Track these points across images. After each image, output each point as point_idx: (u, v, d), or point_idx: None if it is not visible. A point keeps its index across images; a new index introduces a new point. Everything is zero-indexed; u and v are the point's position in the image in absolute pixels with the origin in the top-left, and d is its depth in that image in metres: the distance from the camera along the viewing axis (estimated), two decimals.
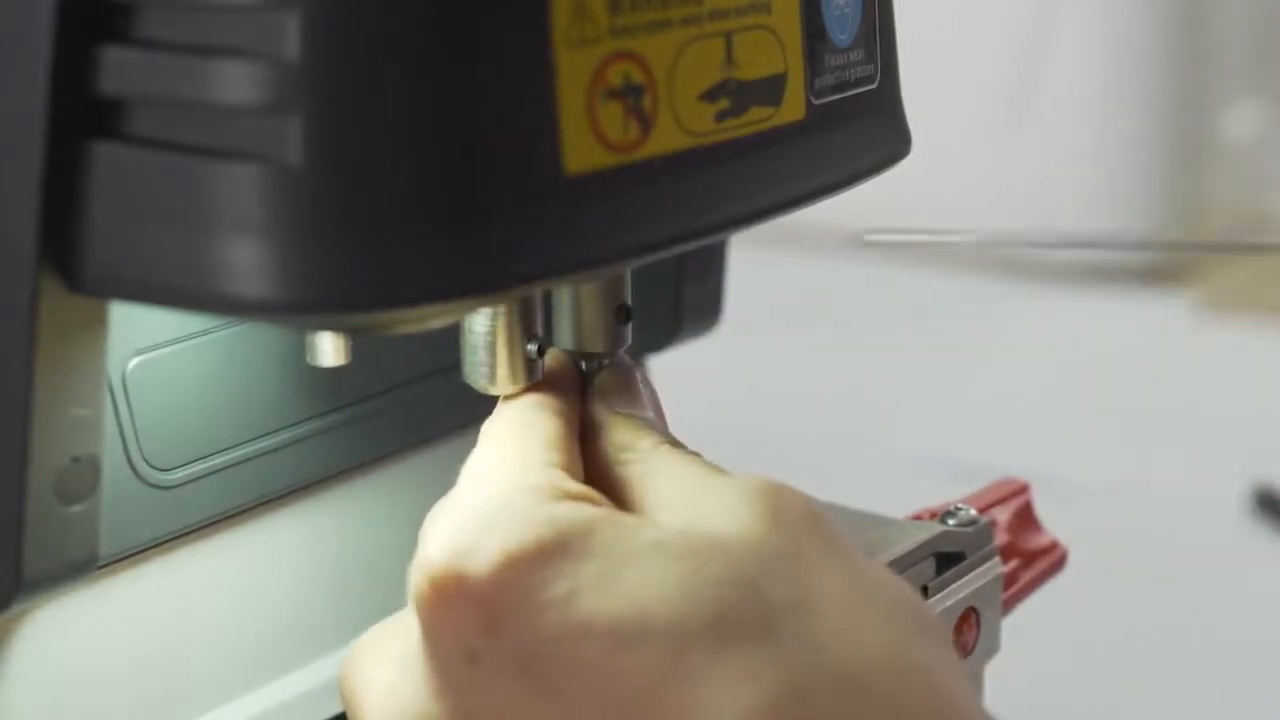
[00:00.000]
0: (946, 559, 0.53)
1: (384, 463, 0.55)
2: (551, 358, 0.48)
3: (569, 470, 0.43)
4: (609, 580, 0.40)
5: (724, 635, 0.39)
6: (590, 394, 0.47)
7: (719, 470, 0.44)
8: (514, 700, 0.40)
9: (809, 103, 0.46)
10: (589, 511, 0.41)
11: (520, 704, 0.40)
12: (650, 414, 0.47)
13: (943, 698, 0.41)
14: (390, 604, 0.45)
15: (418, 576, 0.41)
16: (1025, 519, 0.58)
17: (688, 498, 0.43)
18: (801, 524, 0.42)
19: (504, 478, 0.43)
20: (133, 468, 0.48)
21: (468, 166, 0.39)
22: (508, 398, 0.46)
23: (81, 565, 0.44)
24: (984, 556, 0.54)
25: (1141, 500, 1.20)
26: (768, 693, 0.39)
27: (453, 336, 0.47)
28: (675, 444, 0.45)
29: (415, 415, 0.55)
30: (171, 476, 0.49)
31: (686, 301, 0.61)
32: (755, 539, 0.41)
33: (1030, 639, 0.53)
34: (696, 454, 0.45)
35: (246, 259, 0.38)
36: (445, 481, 0.46)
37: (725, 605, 0.40)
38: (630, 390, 0.47)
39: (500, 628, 0.40)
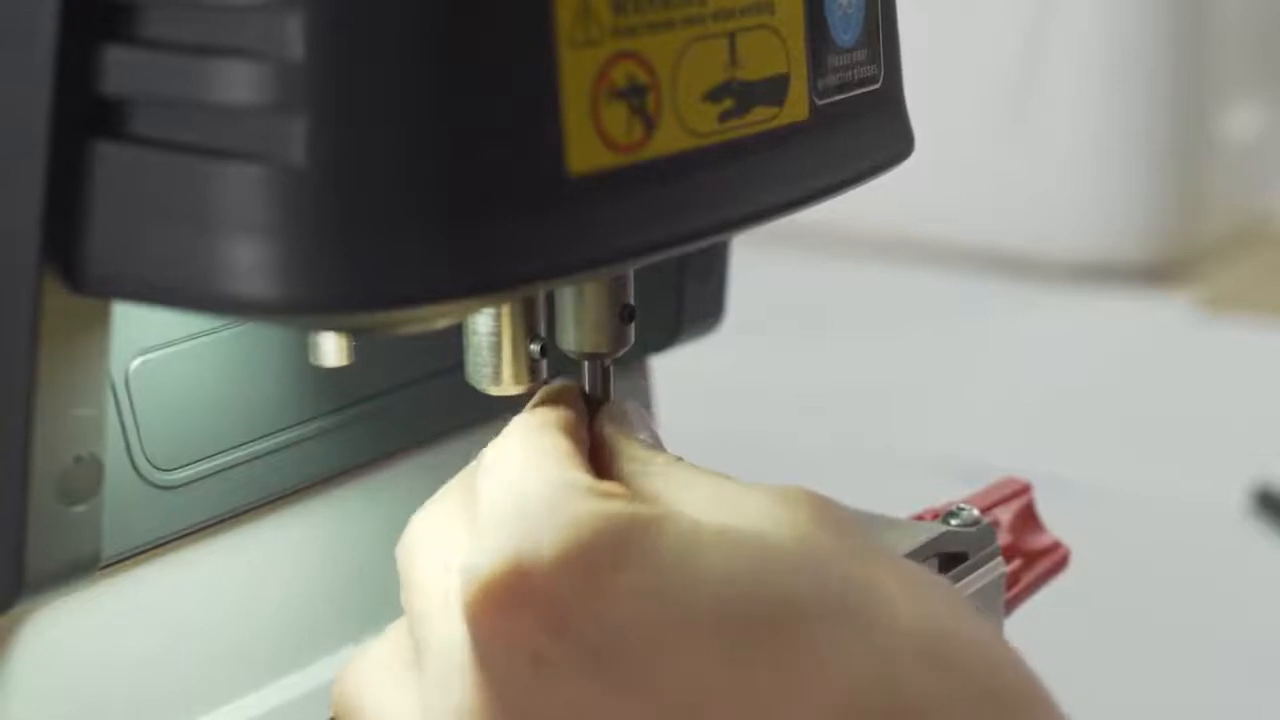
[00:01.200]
0: (949, 559, 0.53)
1: (387, 463, 0.55)
2: (555, 387, 0.47)
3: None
4: (678, 570, 0.39)
5: (801, 618, 0.39)
6: (597, 420, 0.46)
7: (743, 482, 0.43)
8: (584, 702, 0.39)
9: (812, 103, 0.46)
10: (640, 506, 0.40)
11: (591, 705, 0.39)
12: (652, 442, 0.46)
13: (1023, 680, 0.40)
14: (394, 606, 0.45)
15: (465, 587, 0.39)
16: (1027, 519, 0.58)
17: (724, 502, 0.42)
18: (839, 526, 0.41)
19: (536, 483, 0.41)
20: (135, 468, 0.48)
21: (471, 166, 0.39)
22: (524, 410, 0.46)
23: (83, 566, 0.44)
24: (986, 557, 0.54)
25: (1142, 500, 1.20)
26: (853, 676, 0.38)
27: (455, 337, 0.47)
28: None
29: (418, 416, 0.55)
30: (174, 477, 0.49)
31: (688, 301, 0.61)
32: (801, 535, 0.40)
33: (1032, 638, 0.53)
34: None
35: (249, 259, 0.38)
36: (447, 482, 0.45)
37: (797, 589, 0.39)
38: (632, 421, 0.46)
39: (568, 625, 0.38)
